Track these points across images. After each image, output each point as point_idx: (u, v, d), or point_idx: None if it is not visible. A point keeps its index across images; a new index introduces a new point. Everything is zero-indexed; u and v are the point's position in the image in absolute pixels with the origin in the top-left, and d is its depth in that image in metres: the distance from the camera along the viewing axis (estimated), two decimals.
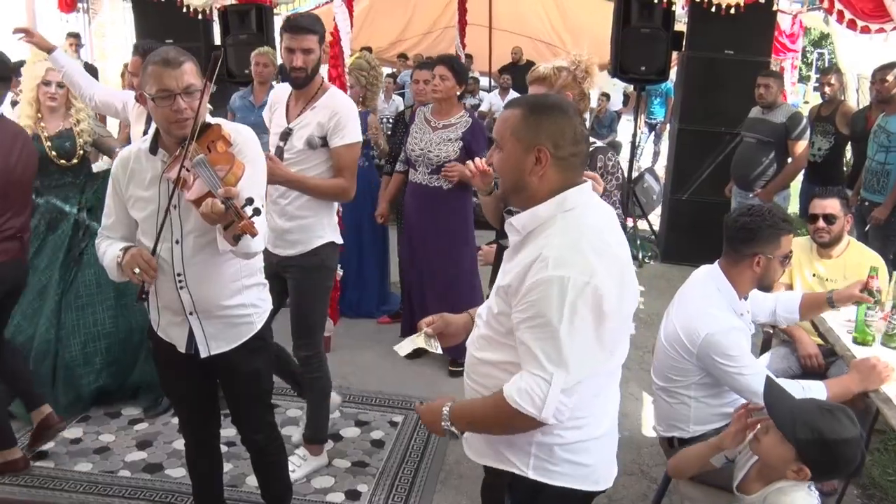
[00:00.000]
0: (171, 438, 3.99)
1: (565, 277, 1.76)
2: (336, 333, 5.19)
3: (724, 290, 2.81)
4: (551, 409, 1.80)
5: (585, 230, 1.85)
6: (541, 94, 2.11)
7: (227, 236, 2.31)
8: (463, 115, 4.66)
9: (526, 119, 1.89)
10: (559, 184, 1.90)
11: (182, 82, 2.35)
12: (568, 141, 1.88)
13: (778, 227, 2.78)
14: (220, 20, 7.52)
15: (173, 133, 2.41)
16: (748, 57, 6.74)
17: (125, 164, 2.55)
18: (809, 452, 2.11)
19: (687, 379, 2.80)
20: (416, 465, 3.80)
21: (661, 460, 3.82)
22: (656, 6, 6.66)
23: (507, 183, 1.96)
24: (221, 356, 2.68)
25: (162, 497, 3.51)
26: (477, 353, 2.06)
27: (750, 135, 6.06)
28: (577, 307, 1.76)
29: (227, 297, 2.62)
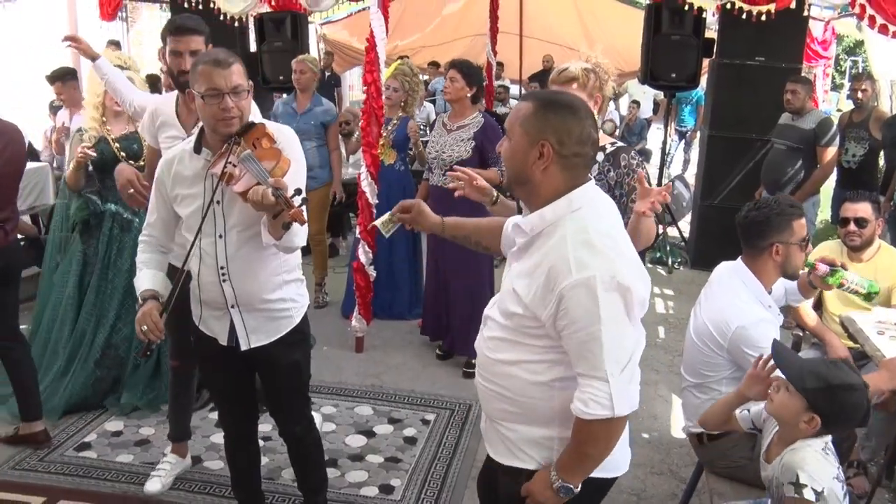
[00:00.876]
0: (209, 432, 4.09)
1: (590, 277, 1.80)
2: (368, 334, 5.28)
3: (749, 284, 2.85)
4: (622, 403, 1.85)
5: (592, 229, 1.88)
6: (557, 91, 2.14)
7: (275, 225, 2.40)
8: (476, 115, 4.76)
9: (535, 113, 1.92)
10: (563, 182, 1.93)
11: (230, 82, 2.45)
12: (573, 140, 1.91)
13: (787, 213, 2.83)
14: (256, 27, 7.66)
15: (220, 131, 2.51)
16: (779, 63, 6.74)
17: (170, 165, 2.66)
18: (818, 400, 2.19)
19: (718, 374, 2.83)
20: (448, 461, 3.86)
21: (689, 461, 3.86)
22: (687, 13, 6.67)
23: (510, 172, 2.00)
24: (261, 349, 2.76)
25: (200, 488, 3.60)
26: (493, 355, 2.07)
27: (780, 141, 6.07)
28: (608, 302, 1.80)
29: (269, 291, 2.71)
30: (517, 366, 1.99)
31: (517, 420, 2.04)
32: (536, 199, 1.96)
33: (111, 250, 4.32)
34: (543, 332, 1.91)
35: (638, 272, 1.93)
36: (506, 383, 2.02)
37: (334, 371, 4.89)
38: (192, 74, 2.53)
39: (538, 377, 1.96)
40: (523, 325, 1.94)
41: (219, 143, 2.54)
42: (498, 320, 2.04)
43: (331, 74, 11.93)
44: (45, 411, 4.15)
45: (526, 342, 1.96)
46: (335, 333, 5.46)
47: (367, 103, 4.85)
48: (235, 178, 2.44)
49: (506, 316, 2.00)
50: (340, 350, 5.24)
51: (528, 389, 1.98)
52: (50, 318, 4.53)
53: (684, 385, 3.05)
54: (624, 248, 1.93)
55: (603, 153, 3.00)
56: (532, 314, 1.90)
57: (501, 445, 2.12)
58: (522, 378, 1.98)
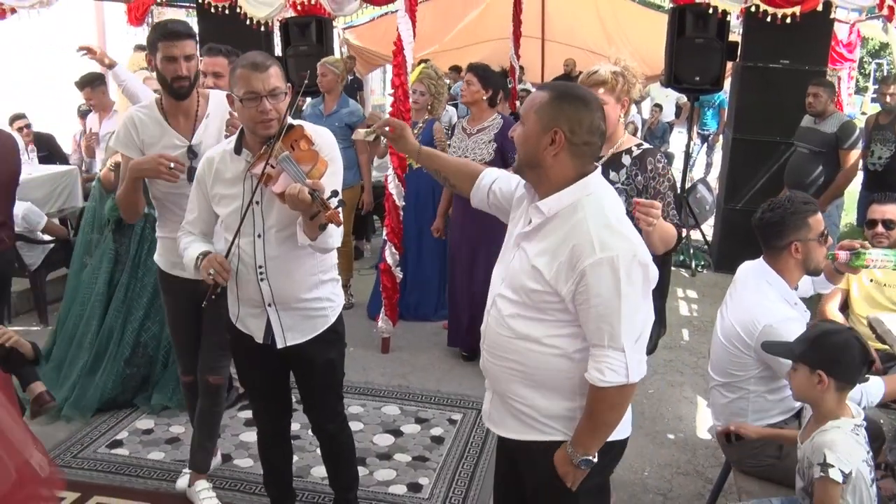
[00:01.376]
0: (238, 431, 4.15)
1: (613, 257, 1.95)
2: (394, 335, 5.33)
3: (774, 283, 2.87)
4: (635, 371, 2.01)
5: (609, 212, 2.04)
6: (570, 83, 2.27)
7: (311, 226, 2.45)
8: (495, 117, 4.80)
9: (550, 102, 2.05)
10: (572, 169, 2.07)
11: (268, 85, 2.50)
12: (584, 130, 2.04)
13: (801, 211, 2.85)
14: (281, 32, 7.73)
15: (259, 133, 2.56)
16: (804, 66, 6.73)
17: (210, 164, 2.72)
18: (810, 357, 2.34)
19: (746, 373, 2.85)
20: (475, 460, 3.90)
21: (715, 461, 3.87)
22: (711, 16, 6.68)
23: (522, 156, 2.12)
24: (296, 347, 2.81)
25: (230, 485, 3.66)
26: (510, 332, 2.14)
27: (802, 145, 6.06)
28: (629, 280, 1.96)
29: (305, 290, 2.76)
30: (537, 341, 2.10)
31: (537, 395, 2.14)
32: (546, 182, 2.09)
33: (142, 249, 4.41)
34: (563, 307, 2.04)
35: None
36: (524, 359, 2.13)
37: (361, 371, 4.94)
38: (230, 78, 2.59)
39: (560, 350, 2.09)
40: (543, 300, 2.06)
41: (258, 145, 2.59)
42: (512, 298, 2.14)
43: (353, 78, 12.00)
44: (77, 409, 4.23)
45: (545, 317, 2.08)
46: (361, 334, 5.50)
47: (395, 106, 4.90)
48: (274, 178, 2.49)
49: (523, 293, 2.09)
50: (367, 350, 5.29)
51: (549, 362, 2.10)
52: (77, 313, 4.62)
53: (712, 384, 3.06)
54: (634, 232, 2.09)
55: (630, 156, 3.01)
56: (553, 290, 2.03)
57: (517, 423, 2.21)
58: (543, 352, 2.10)
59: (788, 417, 2.89)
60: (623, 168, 3.01)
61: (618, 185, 2.98)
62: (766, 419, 2.87)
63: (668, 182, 2.98)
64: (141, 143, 3.08)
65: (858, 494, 2.24)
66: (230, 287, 2.79)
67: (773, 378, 2.82)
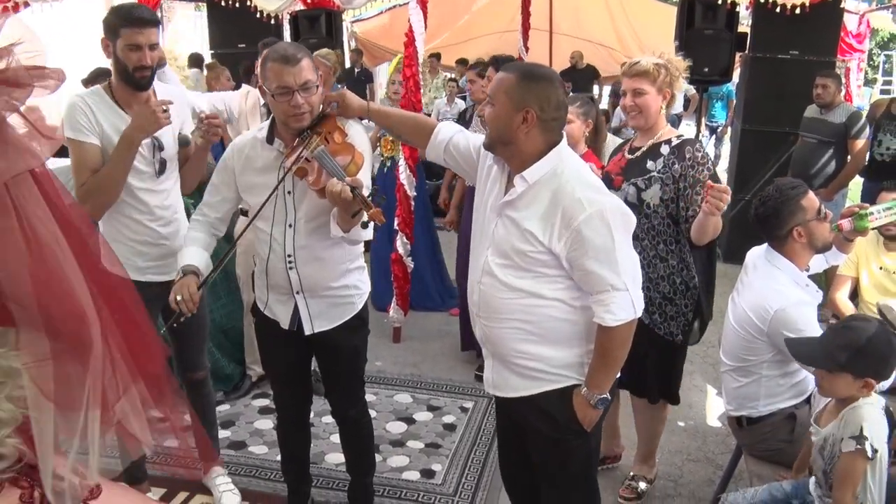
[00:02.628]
0: (253, 419, 4.20)
1: (602, 210, 2.13)
2: (405, 324, 5.36)
3: (783, 268, 2.89)
4: (640, 305, 2.23)
5: (584, 173, 2.24)
6: (532, 63, 2.42)
7: (347, 220, 2.46)
8: None
9: (518, 83, 2.18)
10: (543, 142, 2.21)
11: (300, 79, 2.49)
12: (552, 107, 2.19)
13: (791, 196, 2.87)
14: (291, 25, 7.76)
15: (291, 126, 2.57)
16: (813, 57, 6.73)
17: (240, 151, 2.72)
18: (857, 365, 2.30)
19: (759, 357, 2.87)
20: (488, 447, 3.94)
21: (725, 448, 3.90)
22: (720, 7, 6.68)
23: (494, 134, 2.25)
24: (323, 334, 2.84)
25: (246, 472, 3.71)
26: (505, 294, 2.28)
27: (809, 135, 6.07)
28: (618, 227, 2.15)
29: (334, 279, 2.78)
30: (539, 296, 2.24)
31: (544, 348, 2.28)
32: (519, 156, 2.23)
33: None
34: (556, 263, 2.21)
35: None
36: (528, 316, 2.26)
37: (372, 360, 4.97)
38: (261, 71, 2.58)
39: (560, 300, 2.24)
40: (537, 259, 2.21)
41: (291, 136, 2.60)
42: (502, 262, 2.27)
43: (361, 70, 12.03)
44: None
45: (540, 274, 2.23)
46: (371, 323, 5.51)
47: (406, 97, 4.93)
48: (309, 173, 2.51)
49: (515, 255, 2.23)
50: (378, 340, 5.31)
51: (553, 314, 2.26)
52: None
53: (724, 369, 3.09)
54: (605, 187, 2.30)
55: (669, 146, 3.05)
56: (547, 248, 2.19)
57: (522, 380, 2.35)
58: (546, 305, 2.25)
59: (800, 401, 2.91)
60: (661, 157, 3.05)
61: (654, 173, 3.03)
62: (779, 403, 2.90)
63: (707, 171, 2.96)
64: (100, 130, 2.82)
65: (878, 475, 2.25)
66: (259, 274, 2.83)
67: (786, 362, 2.84)
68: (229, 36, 7.73)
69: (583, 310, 2.25)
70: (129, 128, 2.79)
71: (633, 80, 3.03)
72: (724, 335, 3.10)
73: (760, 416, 2.92)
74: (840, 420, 2.33)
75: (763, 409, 2.92)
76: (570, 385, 2.31)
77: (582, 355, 2.31)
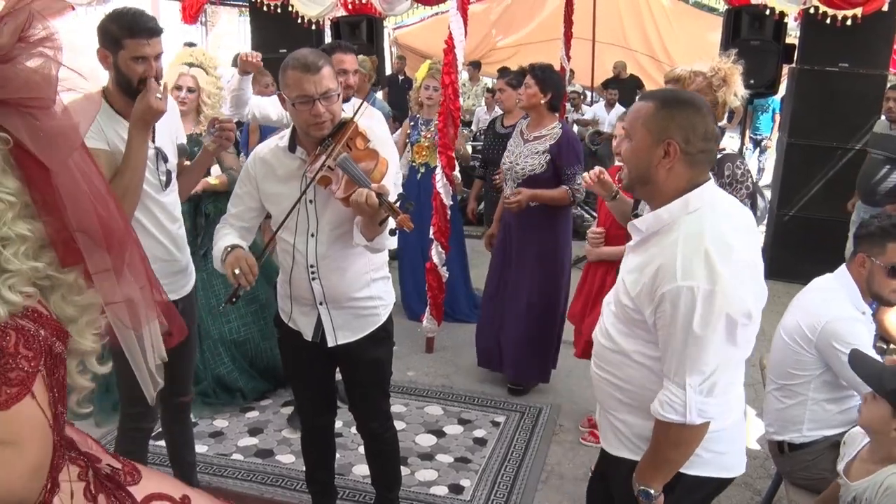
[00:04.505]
0: (281, 427, 4.16)
1: (693, 287, 1.81)
2: (438, 335, 5.30)
3: (846, 286, 2.80)
4: (694, 412, 1.88)
5: (708, 235, 1.87)
6: (674, 88, 2.15)
7: (372, 227, 2.41)
8: (555, 126, 4.40)
9: (658, 112, 1.93)
10: (685, 179, 1.95)
11: (321, 87, 2.44)
12: (699, 137, 1.91)
13: (888, 231, 2.74)
14: (332, 31, 7.77)
15: (312, 134, 2.52)
16: (864, 70, 6.55)
17: (262, 160, 2.68)
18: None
19: (806, 373, 2.76)
20: (518, 463, 3.85)
21: (764, 473, 3.78)
22: (768, 18, 6.54)
23: (633, 173, 2.01)
24: (346, 345, 2.78)
25: (273, 481, 3.67)
26: (606, 343, 2.11)
27: (877, 151, 5.87)
28: (707, 315, 1.81)
29: (357, 289, 2.73)
30: (627, 355, 2.04)
31: (629, 411, 2.08)
32: (659, 196, 1.98)
33: None
34: (647, 327, 1.96)
35: (749, 283, 1.91)
36: (619, 372, 2.08)
37: (404, 370, 4.92)
38: (281, 78, 2.52)
39: (647, 367, 2.00)
40: (633, 317, 1.99)
41: (313, 143, 2.56)
42: (612, 310, 2.10)
43: (404, 78, 12.03)
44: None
45: (636, 333, 2.00)
46: (404, 333, 5.49)
47: (444, 105, 4.88)
48: (333, 181, 2.47)
49: (618, 306, 2.05)
50: (410, 349, 5.27)
51: (640, 379, 2.02)
52: None
53: (768, 389, 2.98)
54: (740, 256, 1.89)
55: None
56: (637, 308, 1.96)
57: (612, 436, 2.17)
58: (633, 367, 2.03)
59: (847, 430, 2.79)
60: None
61: None
62: (824, 430, 2.79)
63: (745, 190, 2.85)
64: (106, 137, 2.60)
65: None
66: (282, 285, 2.79)
67: (835, 385, 2.74)
68: (271, 41, 7.75)
69: None
70: (134, 122, 2.56)
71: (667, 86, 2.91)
72: (772, 350, 2.99)
73: (804, 442, 2.81)
74: (878, 483, 2.19)
75: (807, 434, 2.81)
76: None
77: None
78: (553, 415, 4.38)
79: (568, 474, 3.79)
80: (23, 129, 1.28)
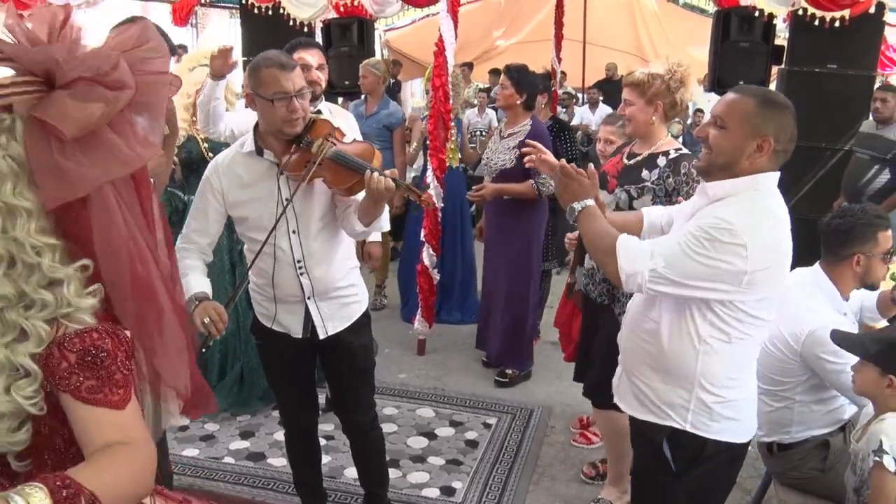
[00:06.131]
0: (273, 430, 4.15)
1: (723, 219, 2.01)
2: (430, 337, 5.31)
3: (825, 290, 2.81)
4: (643, 280, 2.06)
5: (766, 214, 2.08)
6: (768, 89, 2.32)
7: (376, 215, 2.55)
8: (526, 123, 4.56)
9: (758, 109, 2.07)
10: (761, 171, 2.11)
11: (296, 84, 2.52)
12: (787, 138, 2.09)
13: (873, 224, 2.77)
14: (323, 33, 7.76)
15: (285, 132, 2.56)
16: (852, 71, 6.57)
17: (225, 171, 2.69)
18: (886, 360, 2.28)
19: (792, 380, 2.77)
20: (510, 465, 3.85)
21: (754, 472, 3.78)
22: (757, 19, 6.56)
23: (719, 159, 2.12)
24: (335, 336, 2.84)
25: (264, 483, 3.67)
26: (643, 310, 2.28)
27: (862, 151, 5.90)
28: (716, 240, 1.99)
29: (340, 278, 2.81)
30: (662, 322, 2.19)
31: (662, 379, 2.23)
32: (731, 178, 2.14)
33: None
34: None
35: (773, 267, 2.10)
36: (652, 338, 2.22)
37: (396, 372, 4.93)
38: (252, 78, 2.54)
39: (683, 333, 2.15)
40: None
41: (281, 144, 2.59)
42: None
43: (395, 81, 12.02)
44: None
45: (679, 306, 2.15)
46: (396, 335, 5.50)
47: (435, 107, 4.88)
48: (326, 174, 2.54)
49: None
50: (402, 352, 5.27)
51: (672, 345, 2.18)
52: None
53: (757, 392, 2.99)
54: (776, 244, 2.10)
55: (666, 158, 3.03)
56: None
57: (636, 401, 2.33)
58: (667, 334, 2.18)
59: (834, 429, 2.81)
60: (657, 168, 3.04)
61: (648, 183, 3.02)
62: (812, 430, 2.80)
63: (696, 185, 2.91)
64: None
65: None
66: (263, 289, 2.80)
67: (821, 388, 2.75)
68: (262, 43, 7.63)
69: (705, 354, 2.15)
70: None
71: (626, 90, 3.05)
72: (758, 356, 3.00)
73: (792, 442, 2.82)
74: (866, 435, 2.30)
75: (796, 435, 2.82)
76: (668, 425, 2.24)
77: (688, 401, 2.20)
78: (544, 416, 4.38)
79: (559, 476, 3.79)
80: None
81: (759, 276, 2.03)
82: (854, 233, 2.75)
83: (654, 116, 3.01)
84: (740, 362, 2.20)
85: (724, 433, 2.21)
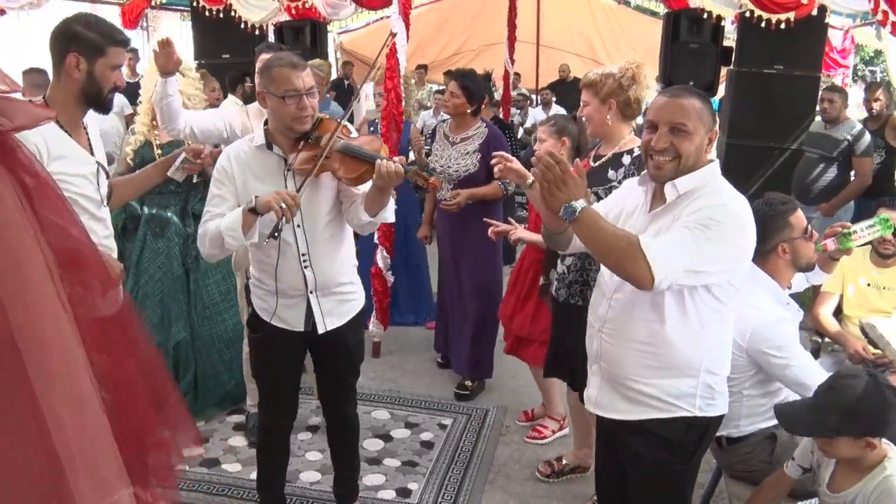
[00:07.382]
0: (227, 436, 4.11)
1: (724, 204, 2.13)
2: (384, 339, 5.29)
3: (764, 284, 2.85)
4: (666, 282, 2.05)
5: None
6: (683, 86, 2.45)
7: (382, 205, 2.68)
8: (479, 126, 4.53)
9: (704, 105, 2.18)
10: (706, 159, 2.22)
11: (306, 83, 2.64)
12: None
13: (780, 211, 2.85)
14: (276, 36, 7.72)
15: (295, 129, 2.67)
16: (798, 72, 6.71)
17: (238, 159, 2.75)
18: (853, 427, 2.24)
19: (741, 376, 2.81)
20: (465, 465, 3.86)
21: (706, 466, 3.80)
22: (706, 21, 6.68)
23: (688, 163, 2.17)
24: (333, 331, 2.91)
25: (219, 490, 3.63)
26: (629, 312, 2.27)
27: (812, 150, 6.03)
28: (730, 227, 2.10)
29: (342, 274, 2.90)
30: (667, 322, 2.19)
31: (662, 375, 2.24)
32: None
33: (143, 257, 4.22)
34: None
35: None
36: (653, 340, 2.22)
37: None
38: (264, 77, 2.67)
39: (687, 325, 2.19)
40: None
41: (290, 141, 2.70)
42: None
43: (349, 83, 11.98)
44: None
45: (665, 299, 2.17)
46: None
47: (387, 109, 4.87)
48: (336, 166, 2.65)
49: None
50: None
51: (679, 339, 2.20)
52: None
53: None
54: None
55: (630, 156, 3.04)
56: None
57: (627, 404, 2.31)
58: (672, 331, 2.19)
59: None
60: (622, 167, 3.06)
61: (615, 183, 3.03)
62: (759, 423, 2.85)
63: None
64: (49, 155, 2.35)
65: None
66: (264, 282, 2.85)
67: (768, 382, 2.80)
68: (214, 46, 7.66)
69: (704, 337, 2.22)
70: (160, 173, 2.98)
71: (582, 92, 3.10)
72: None
73: (740, 435, 2.86)
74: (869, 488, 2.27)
75: (744, 428, 2.86)
76: (683, 416, 2.27)
77: (694, 387, 2.25)
78: (499, 416, 4.40)
79: (515, 475, 3.81)
80: None
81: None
82: (767, 227, 2.79)
83: (608, 115, 3.03)
84: (728, 337, 2.34)
85: (719, 408, 2.33)
